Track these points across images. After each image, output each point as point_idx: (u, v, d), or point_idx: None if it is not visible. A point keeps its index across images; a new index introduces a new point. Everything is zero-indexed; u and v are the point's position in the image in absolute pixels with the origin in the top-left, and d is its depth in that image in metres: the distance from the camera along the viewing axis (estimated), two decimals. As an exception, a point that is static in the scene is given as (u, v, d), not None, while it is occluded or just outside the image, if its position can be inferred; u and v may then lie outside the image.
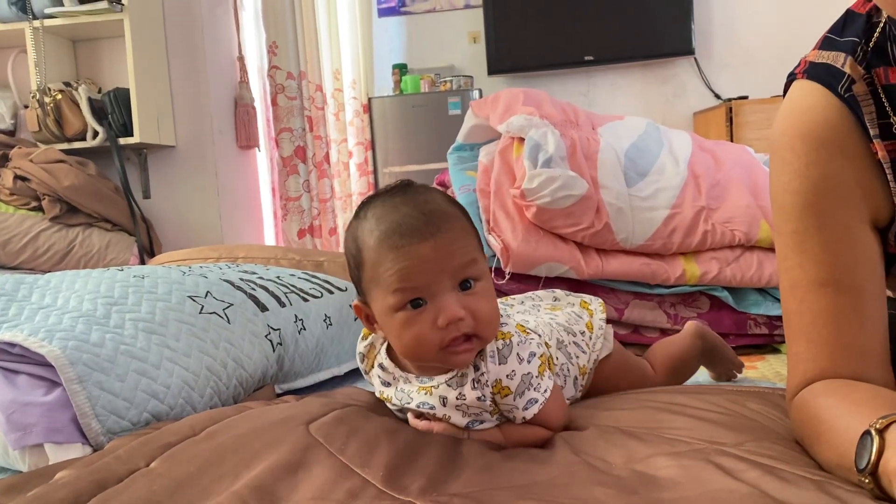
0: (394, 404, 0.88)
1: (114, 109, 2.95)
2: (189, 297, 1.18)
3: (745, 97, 3.81)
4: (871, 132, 0.73)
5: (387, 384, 0.88)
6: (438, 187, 2.10)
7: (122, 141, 2.97)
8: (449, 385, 0.82)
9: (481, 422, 0.84)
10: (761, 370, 1.51)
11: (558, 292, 1.12)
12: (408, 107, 4.04)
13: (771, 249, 1.75)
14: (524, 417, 0.82)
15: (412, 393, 0.84)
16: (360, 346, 0.91)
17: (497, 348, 0.81)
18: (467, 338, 0.77)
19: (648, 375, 1.10)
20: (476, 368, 0.81)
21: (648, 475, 0.69)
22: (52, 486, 0.74)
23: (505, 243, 1.67)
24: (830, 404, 0.70)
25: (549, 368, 0.88)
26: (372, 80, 4.14)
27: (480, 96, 3.92)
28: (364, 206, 0.81)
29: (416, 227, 0.75)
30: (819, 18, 0.80)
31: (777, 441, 0.76)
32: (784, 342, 0.80)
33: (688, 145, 1.90)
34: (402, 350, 0.81)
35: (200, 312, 1.15)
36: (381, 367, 0.87)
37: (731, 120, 3.65)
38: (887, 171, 0.73)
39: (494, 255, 1.71)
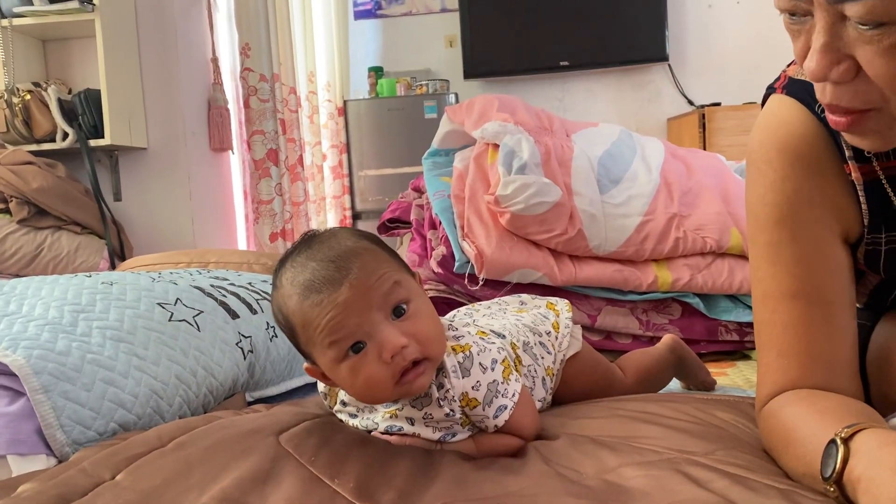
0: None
1: (84, 111, 2.91)
2: (158, 304, 1.16)
3: (718, 104, 3.85)
4: (847, 153, 0.74)
5: (353, 416, 0.87)
6: (413, 192, 2.10)
7: (92, 143, 2.93)
8: (414, 406, 0.82)
9: (454, 434, 0.83)
10: (732, 377, 1.52)
11: (524, 296, 1.12)
12: (383, 110, 4.03)
13: (742, 257, 1.77)
14: (496, 425, 0.82)
15: (377, 419, 0.84)
16: (321, 386, 0.90)
17: (458, 362, 0.81)
18: (417, 362, 0.76)
19: (617, 377, 1.11)
20: (440, 387, 0.80)
21: (618, 485, 0.70)
22: (15, 499, 0.72)
23: (479, 249, 1.68)
24: (797, 414, 0.71)
25: (517, 370, 0.88)
26: (347, 82, 4.13)
27: (457, 100, 3.93)
28: (276, 273, 0.80)
29: (328, 276, 0.75)
30: (789, 30, 0.80)
31: (746, 450, 0.77)
32: (755, 349, 0.81)
33: (660, 152, 1.92)
34: (359, 396, 0.81)
35: (170, 320, 1.14)
36: (343, 402, 0.87)
37: (703, 126, 3.69)
38: (860, 192, 0.75)
39: (468, 262, 1.71)
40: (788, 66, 0.80)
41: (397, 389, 0.77)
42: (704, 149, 3.57)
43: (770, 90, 0.81)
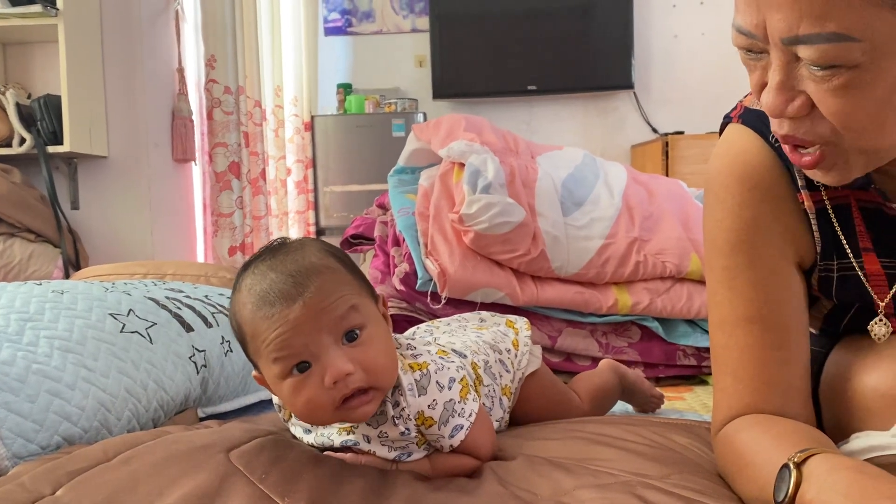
0: (318, 447, 0.85)
1: (43, 116, 2.85)
2: (110, 314, 1.13)
3: (681, 132, 3.93)
4: (799, 182, 0.76)
5: (307, 431, 0.86)
6: (378, 209, 2.09)
7: (51, 149, 2.86)
8: (369, 424, 0.80)
9: (409, 454, 0.82)
10: (689, 402, 1.53)
11: (484, 314, 1.12)
12: (351, 126, 4.03)
13: (700, 282, 1.79)
14: (451, 445, 0.81)
15: (332, 435, 0.82)
16: (276, 398, 0.89)
17: (415, 380, 0.80)
18: (363, 390, 0.75)
19: (573, 399, 1.11)
20: (396, 405, 0.79)
21: (574, 508, 0.69)
22: (-54, 515, 0.69)
23: (442, 267, 1.67)
24: (752, 438, 0.72)
25: (476, 390, 0.87)
26: (316, 98, 4.11)
27: (425, 119, 3.94)
28: (239, 277, 0.79)
29: (284, 291, 0.73)
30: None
31: (701, 474, 0.77)
32: (712, 374, 0.82)
33: (623, 177, 1.94)
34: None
35: (121, 331, 1.11)
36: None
37: (666, 154, 3.75)
38: (812, 221, 0.76)
39: (431, 279, 1.70)
40: (746, 96, 0.81)
41: (338, 414, 0.76)
42: (667, 176, 3.63)
43: (727, 119, 0.83)
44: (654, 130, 4.26)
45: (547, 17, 4.15)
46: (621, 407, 1.33)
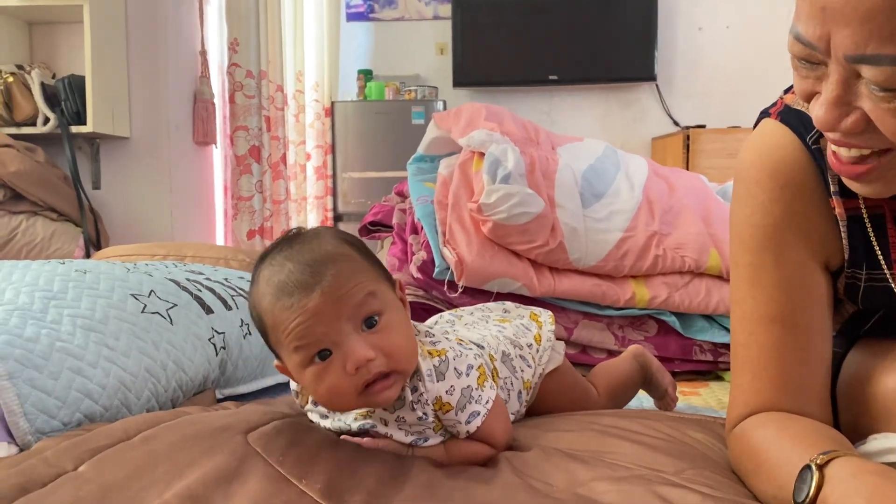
0: (335, 431, 0.86)
1: (67, 96, 2.87)
2: (132, 295, 1.14)
3: (703, 126, 3.89)
4: (832, 188, 0.74)
5: (324, 416, 0.86)
6: (397, 196, 2.09)
7: (74, 129, 2.89)
8: (387, 409, 0.81)
9: (426, 439, 0.83)
10: (704, 397, 1.53)
11: (508, 304, 1.12)
12: (371, 113, 4.03)
13: (719, 278, 1.78)
14: (468, 431, 0.82)
15: (349, 420, 0.83)
16: (293, 385, 0.89)
17: (434, 366, 0.80)
18: (385, 375, 0.75)
19: (592, 396, 1.11)
20: (414, 390, 0.80)
21: (589, 499, 0.69)
22: (-28, 487, 0.70)
23: (460, 256, 1.67)
24: (769, 436, 0.71)
25: (494, 379, 0.88)
26: (336, 84, 4.12)
27: (445, 107, 3.93)
28: (256, 269, 0.80)
29: (302, 281, 0.74)
30: (777, 58, 0.81)
31: (715, 470, 0.77)
32: (728, 370, 0.81)
33: (643, 170, 1.93)
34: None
35: (143, 312, 1.12)
36: (315, 402, 0.86)
37: (687, 147, 3.72)
38: (842, 229, 0.75)
39: (448, 268, 1.70)
40: (786, 92, 0.80)
41: (361, 399, 0.76)
42: (687, 169, 3.60)
43: (765, 113, 0.81)
44: (676, 123, 4.23)
45: (570, 6, 4.12)
46: (634, 401, 1.33)
